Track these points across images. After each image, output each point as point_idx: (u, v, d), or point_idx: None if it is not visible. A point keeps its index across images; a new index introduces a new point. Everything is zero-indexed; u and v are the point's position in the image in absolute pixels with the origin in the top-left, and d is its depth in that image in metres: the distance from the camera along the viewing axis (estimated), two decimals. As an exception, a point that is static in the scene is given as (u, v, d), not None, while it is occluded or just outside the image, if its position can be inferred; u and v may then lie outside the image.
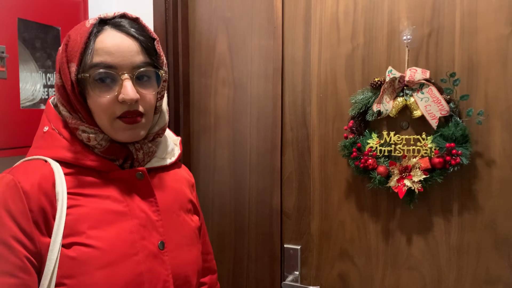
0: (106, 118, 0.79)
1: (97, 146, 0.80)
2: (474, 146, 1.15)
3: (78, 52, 0.77)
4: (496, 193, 1.15)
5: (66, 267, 0.73)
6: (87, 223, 0.76)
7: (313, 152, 1.35)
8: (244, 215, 1.45)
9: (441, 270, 1.22)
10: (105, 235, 0.77)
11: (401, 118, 1.22)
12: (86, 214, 0.77)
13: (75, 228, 0.75)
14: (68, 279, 0.73)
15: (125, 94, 0.77)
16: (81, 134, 0.80)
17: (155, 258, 0.81)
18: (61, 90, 0.81)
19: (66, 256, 0.73)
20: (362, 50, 1.26)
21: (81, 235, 0.75)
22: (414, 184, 1.14)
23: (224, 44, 1.44)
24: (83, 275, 0.73)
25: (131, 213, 0.81)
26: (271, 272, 1.40)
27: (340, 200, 1.32)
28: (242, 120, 1.43)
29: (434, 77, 1.17)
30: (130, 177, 0.83)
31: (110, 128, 0.80)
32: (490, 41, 1.13)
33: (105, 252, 0.75)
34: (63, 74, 0.80)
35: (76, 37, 0.78)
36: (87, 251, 0.74)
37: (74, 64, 0.77)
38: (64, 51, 0.80)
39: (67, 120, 0.82)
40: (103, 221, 0.78)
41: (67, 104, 0.81)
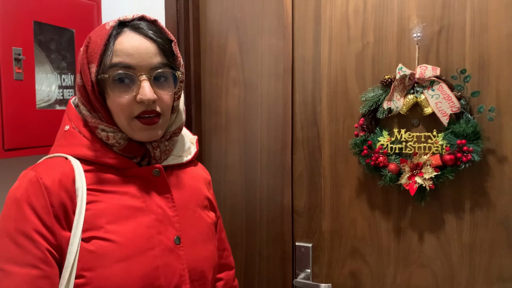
0: (124, 118, 0.81)
1: (116, 145, 0.83)
2: (485, 143, 1.15)
3: (98, 54, 0.79)
4: (508, 190, 1.14)
5: (85, 260, 0.76)
6: (106, 218, 0.79)
7: (323, 151, 1.35)
8: (255, 214, 1.46)
9: (453, 267, 1.21)
10: (123, 229, 0.79)
11: (411, 116, 1.22)
12: (104, 210, 0.79)
13: (94, 223, 0.78)
14: (87, 271, 0.75)
15: (143, 95, 0.79)
16: (100, 133, 0.83)
17: (171, 252, 0.83)
18: (82, 90, 0.84)
19: (85, 249, 0.76)
20: (372, 48, 1.27)
21: (99, 229, 0.78)
22: (425, 181, 1.14)
23: (234, 44, 1.45)
24: (101, 268, 0.76)
25: (148, 209, 0.83)
26: (283, 270, 1.41)
27: (351, 198, 1.32)
28: (253, 120, 1.44)
29: (445, 74, 1.17)
30: (147, 174, 0.85)
31: (128, 128, 0.82)
32: (501, 38, 1.13)
33: (123, 246, 0.78)
34: (84, 74, 0.82)
35: (96, 39, 0.81)
36: (105, 245, 0.77)
37: (94, 65, 0.79)
38: (85, 52, 0.82)
39: (87, 119, 0.84)
40: (121, 216, 0.80)
41: (87, 103, 0.84)
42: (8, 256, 0.72)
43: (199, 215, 0.94)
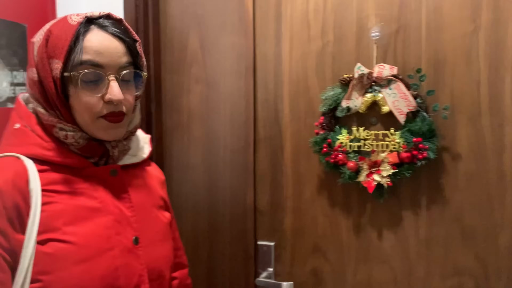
0: (90, 117, 0.79)
1: (74, 144, 0.80)
2: (440, 141, 1.18)
3: (65, 50, 0.76)
4: (462, 186, 1.18)
5: (42, 264, 0.73)
6: (62, 219, 0.76)
7: (285, 149, 1.36)
8: (218, 213, 1.44)
9: (411, 263, 1.24)
10: (81, 230, 0.77)
11: (370, 114, 1.23)
12: (61, 211, 0.77)
13: (50, 224, 0.75)
14: (44, 275, 0.73)
15: (112, 95, 0.78)
16: (58, 132, 0.80)
17: (130, 253, 0.82)
18: (37, 86, 0.80)
19: (42, 252, 0.73)
20: (332, 47, 1.28)
21: (56, 231, 0.75)
22: (383, 178, 1.16)
23: (196, 41, 1.43)
24: (59, 270, 0.74)
25: (106, 209, 0.82)
26: (245, 269, 1.40)
27: (313, 196, 1.33)
28: (215, 118, 1.43)
29: (402, 73, 1.19)
30: (104, 174, 0.84)
31: (92, 127, 0.80)
32: (455, 38, 1.16)
33: (81, 248, 0.76)
34: (42, 70, 0.78)
35: (60, 34, 0.78)
36: (63, 246, 0.75)
37: (59, 61, 0.76)
38: (44, 46, 0.79)
39: (42, 117, 0.80)
40: (78, 217, 0.78)
41: (43, 101, 0.80)
42: None
43: (156, 215, 0.93)
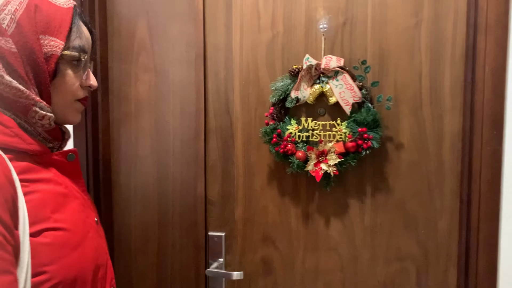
0: (70, 99, 0.82)
1: (46, 126, 0.79)
2: (384, 131, 1.21)
3: (66, 30, 0.78)
4: (405, 175, 1.23)
5: (43, 255, 0.70)
6: (48, 207, 0.74)
7: (236, 139, 1.35)
8: (168, 205, 1.42)
9: (356, 249, 1.28)
10: (66, 217, 0.77)
11: (318, 105, 1.25)
12: (42, 199, 0.74)
13: (39, 214, 0.72)
14: (48, 266, 0.70)
15: (93, 81, 0.86)
16: (37, 111, 0.76)
17: (97, 233, 0.86)
18: (17, 59, 0.74)
19: (39, 244, 0.70)
20: (282, 38, 1.28)
21: (47, 220, 0.73)
22: (330, 167, 1.18)
23: (144, 29, 1.40)
24: (62, 258, 0.73)
25: (72, 194, 0.82)
26: (196, 260, 1.40)
27: (263, 185, 1.33)
28: (164, 108, 1.40)
29: (348, 64, 1.22)
30: (62, 159, 0.83)
31: (69, 109, 0.83)
32: (398, 31, 1.20)
33: (73, 233, 0.77)
34: (26, 43, 0.74)
35: (53, 13, 0.78)
36: (59, 234, 0.74)
37: (58, 40, 0.77)
38: (32, 19, 0.76)
39: (17, 95, 0.74)
40: (58, 203, 0.77)
41: (23, 76, 0.75)
42: None
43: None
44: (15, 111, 0.75)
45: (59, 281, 0.71)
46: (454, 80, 1.18)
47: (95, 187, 1.41)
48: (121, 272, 1.48)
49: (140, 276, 1.46)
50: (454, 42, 1.17)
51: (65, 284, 0.72)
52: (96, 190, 1.41)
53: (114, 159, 1.45)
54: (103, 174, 1.42)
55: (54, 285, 0.71)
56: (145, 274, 1.46)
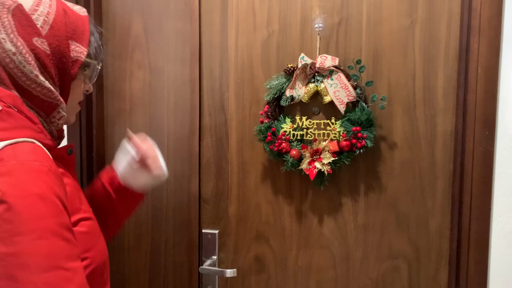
0: (77, 101, 0.88)
1: (60, 125, 0.83)
2: (378, 130, 1.22)
3: (87, 39, 0.82)
4: (397, 174, 1.24)
5: (84, 242, 0.76)
6: (77, 199, 0.80)
7: (231, 137, 1.35)
8: (161, 203, 1.42)
9: (349, 248, 1.29)
10: (87, 207, 0.84)
11: (313, 104, 1.26)
12: (71, 192, 0.79)
13: (74, 205, 0.78)
14: (88, 252, 0.77)
15: (91, 87, 0.91)
16: (60, 112, 0.81)
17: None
18: (51, 60, 0.77)
19: (79, 232, 0.76)
20: (277, 36, 1.29)
21: (79, 211, 0.79)
22: (324, 166, 1.19)
23: (139, 25, 1.39)
24: (96, 245, 0.81)
25: (77, 186, 0.86)
26: (189, 258, 1.40)
27: (257, 183, 1.34)
28: (159, 105, 1.40)
29: (343, 64, 1.23)
30: (63, 153, 0.85)
31: (74, 110, 0.88)
32: (392, 32, 1.21)
33: (95, 221, 0.84)
34: (58, 46, 0.77)
35: (76, 20, 0.81)
36: (90, 223, 0.81)
37: (82, 47, 0.81)
38: (64, 24, 0.78)
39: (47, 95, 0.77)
40: (79, 195, 0.83)
41: (54, 76, 0.78)
42: (66, 254, 0.67)
43: None
44: (39, 110, 0.78)
45: (97, 265, 0.79)
46: (447, 80, 1.19)
47: (89, 183, 1.40)
48: (114, 269, 1.47)
49: (134, 273, 1.46)
50: (448, 43, 1.18)
51: (100, 267, 0.81)
52: (89, 187, 1.41)
53: (108, 156, 1.44)
54: (97, 171, 1.42)
55: (94, 269, 0.78)
56: (139, 271, 1.46)
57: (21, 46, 0.73)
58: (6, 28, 0.73)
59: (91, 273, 0.77)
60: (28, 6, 0.75)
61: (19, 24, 0.74)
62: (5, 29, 0.73)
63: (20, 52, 0.73)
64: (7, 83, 0.74)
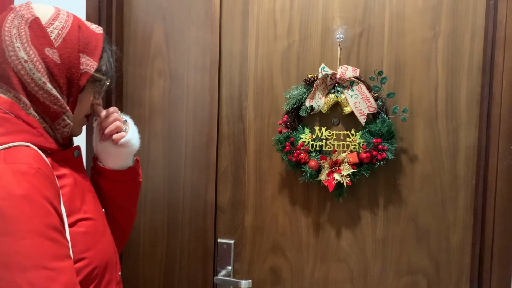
0: (84, 114, 0.91)
1: (65, 133, 0.86)
2: (399, 142, 1.21)
3: (99, 53, 0.86)
4: (418, 187, 1.21)
5: (82, 243, 0.78)
6: (77, 200, 0.82)
7: (248, 146, 1.35)
8: (178, 210, 1.42)
9: (367, 262, 1.26)
10: (90, 208, 0.85)
11: (332, 114, 1.25)
12: (71, 192, 0.81)
13: (72, 206, 0.80)
14: (86, 252, 0.79)
15: (100, 101, 0.96)
16: (65, 119, 0.83)
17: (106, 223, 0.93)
18: (60, 70, 0.81)
19: (77, 233, 0.78)
20: (298, 46, 1.28)
21: (79, 211, 0.81)
22: (343, 178, 1.18)
23: (160, 34, 1.41)
24: (97, 244, 0.82)
25: (85, 188, 0.88)
26: (204, 267, 1.39)
27: (274, 194, 1.33)
28: (178, 113, 1.40)
29: (364, 75, 1.22)
30: (69, 155, 0.88)
31: (79, 122, 0.91)
32: (415, 43, 1.19)
33: (98, 222, 0.86)
34: (68, 58, 0.81)
35: (90, 36, 0.86)
36: (90, 224, 0.82)
37: (93, 61, 0.85)
38: (77, 38, 0.83)
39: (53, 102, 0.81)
40: (81, 196, 0.84)
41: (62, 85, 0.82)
42: (51, 254, 0.69)
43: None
44: (45, 115, 0.82)
45: (96, 266, 0.80)
46: (471, 94, 1.17)
47: (106, 189, 1.41)
48: (128, 275, 1.47)
49: (147, 281, 1.46)
50: (471, 56, 1.17)
51: (100, 268, 0.81)
52: (107, 193, 1.41)
53: (125, 163, 1.45)
54: (114, 177, 1.42)
55: (92, 270, 0.79)
56: (152, 279, 1.45)
57: (33, 55, 0.78)
58: (22, 37, 0.78)
59: (89, 273, 0.79)
60: (45, 19, 0.82)
61: (34, 34, 0.79)
62: (21, 39, 0.78)
63: (32, 60, 0.78)
64: (18, 88, 0.78)
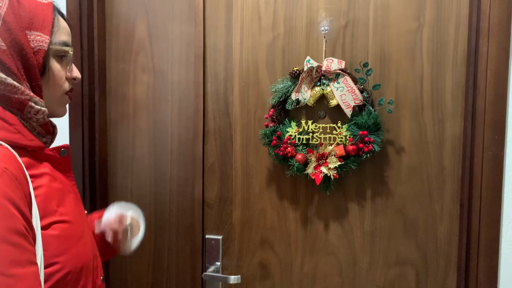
0: (59, 92, 0.83)
1: (40, 121, 0.80)
2: (385, 134, 1.21)
3: (49, 25, 0.79)
4: (405, 179, 1.21)
5: (54, 246, 0.74)
6: (53, 201, 0.77)
7: (235, 141, 1.34)
8: (164, 207, 1.40)
9: (355, 254, 1.26)
10: (67, 210, 0.80)
11: (318, 107, 1.24)
12: (48, 194, 0.77)
13: (47, 208, 0.75)
14: (59, 257, 0.74)
15: (77, 73, 0.87)
16: (33, 106, 0.77)
17: (88, 226, 0.89)
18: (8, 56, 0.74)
19: (50, 236, 0.74)
20: (283, 39, 1.27)
21: (54, 213, 0.76)
22: (330, 170, 1.17)
23: (143, 28, 1.38)
24: (70, 248, 0.77)
25: (66, 189, 0.84)
26: (192, 263, 1.38)
27: (261, 188, 1.32)
28: (162, 109, 1.38)
29: (350, 67, 1.21)
30: (55, 154, 0.84)
31: (58, 102, 0.84)
32: (400, 35, 1.19)
33: (76, 225, 0.81)
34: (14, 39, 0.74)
35: (34, 8, 0.78)
36: (66, 227, 0.78)
37: (44, 35, 0.78)
38: (14, 15, 0.75)
39: (13, 91, 0.74)
40: (59, 197, 0.80)
41: (16, 72, 0.75)
42: (10, 259, 0.64)
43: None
44: (11, 107, 0.75)
45: (69, 271, 0.76)
46: (456, 84, 1.17)
47: (91, 188, 1.38)
48: (116, 274, 1.45)
49: (136, 279, 1.44)
50: (456, 46, 1.17)
51: (73, 273, 0.77)
52: (92, 191, 1.39)
53: (110, 160, 1.43)
54: (99, 175, 1.40)
55: (64, 275, 0.75)
56: (141, 277, 1.44)
57: None
58: None
59: (62, 278, 0.74)
60: None
61: None
62: None
63: None
64: None
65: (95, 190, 1.40)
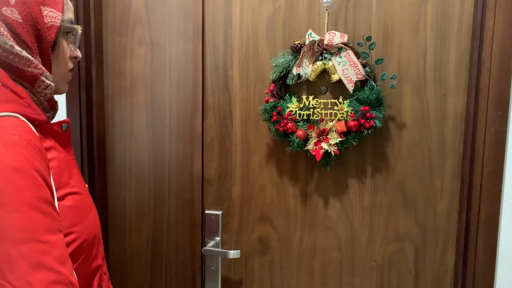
0: (65, 69, 0.85)
1: (48, 95, 0.81)
2: (387, 110, 1.19)
3: (61, 2, 0.80)
4: (406, 155, 1.21)
5: (70, 217, 0.77)
6: (64, 173, 0.80)
7: (235, 117, 1.32)
8: (164, 183, 1.40)
9: (354, 230, 1.27)
10: (77, 182, 0.83)
11: (320, 82, 1.22)
12: (59, 166, 0.79)
13: (60, 180, 0.78)
14: (74, 226, 0.77)
15: (79, 53, 0.88)
16: (44, 81, 0.78)
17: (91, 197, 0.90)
18: (24, 29, 0.75)
19: (66, 207, 0.76)
20: (284, 12, 1.24)
21: (67, 185, 0.79)
22: (331, 146, 1.16)
23: (140, 0, 1.34)
24: (84, 219, 0.80)
25: (69, 162, 0.85)
26: (192, 238, 1.38)
27: (261, 164, 1.31)
28: (160, 83, 1.36)
29: (352, 41, 1.18)
30: (58, 129, 0.85)
31: (63, 79, 0.86)
32: (404, 8, 1.16)
33: (85, 196, 0.84)
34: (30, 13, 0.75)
35: None
36: (78, 198, 0.80)
37: (57, 11, 0.79)
38: None
39: (27, 65, 0.75)
40: (68, 170, 0.82)
41: (31, 45, 0.76)
42: (44, 227, 0.66)
43: None
44: (23, 81, 0.77)
45: (84, 240, 0.79)
46: (460, 59, 1.15)
47: (89, 163, 1.37)
48: (115, 249, 1.46)
49: (136, 254, 1.45)
50: (461, 20, 1.14)
51: (88, 242, 0.80)
52: (90, 167, 1.38)
53: (108, 135, 1.41)
54: (97, 150, 1.39)
55: (80, 244, 0.78)
56: (140, 252, 1.45)
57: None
58: None
59: (78, 247, 0.77)
60: None
61: None
62: None
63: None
64: None
65: (93, 165, 1.39)
